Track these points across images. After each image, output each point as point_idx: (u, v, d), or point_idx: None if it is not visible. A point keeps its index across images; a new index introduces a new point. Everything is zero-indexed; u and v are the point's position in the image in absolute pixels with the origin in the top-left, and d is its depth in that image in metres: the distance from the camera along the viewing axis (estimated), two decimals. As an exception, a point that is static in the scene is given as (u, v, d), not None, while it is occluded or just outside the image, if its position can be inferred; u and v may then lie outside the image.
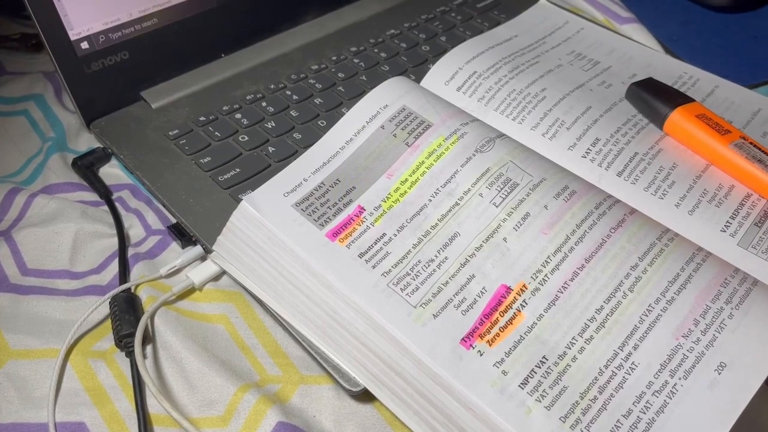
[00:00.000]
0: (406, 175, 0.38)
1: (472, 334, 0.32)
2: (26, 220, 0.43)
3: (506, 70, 0.48)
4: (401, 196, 0.37)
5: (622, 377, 0.30)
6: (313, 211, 0.37)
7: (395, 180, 0.38)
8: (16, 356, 0.36)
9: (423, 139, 0.39)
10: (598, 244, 0.34)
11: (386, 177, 0.38)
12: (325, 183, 0.38)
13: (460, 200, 0.37)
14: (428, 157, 0.38)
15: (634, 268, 0.33)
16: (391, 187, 0.38)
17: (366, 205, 0.37)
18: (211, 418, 0.34)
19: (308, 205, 0.37)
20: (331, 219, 0.36)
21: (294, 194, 0.37)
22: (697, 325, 0.31)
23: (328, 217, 0.36)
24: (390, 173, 0.38)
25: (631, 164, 0.41)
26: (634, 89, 0.45)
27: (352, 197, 0.37)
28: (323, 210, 0.37)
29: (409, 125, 0.40)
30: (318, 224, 0.36)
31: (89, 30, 0.46)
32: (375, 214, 0.36)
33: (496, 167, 0.38)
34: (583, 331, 0.32)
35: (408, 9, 0.59)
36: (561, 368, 0.31)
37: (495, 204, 0.36)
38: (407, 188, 0.38)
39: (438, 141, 0.39)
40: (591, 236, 0.35)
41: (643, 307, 0.32)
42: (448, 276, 0.34)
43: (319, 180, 0.38)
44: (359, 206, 0.37)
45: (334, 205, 0.37)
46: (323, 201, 0.37)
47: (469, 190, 0.37)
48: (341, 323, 0.34)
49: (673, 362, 0.30)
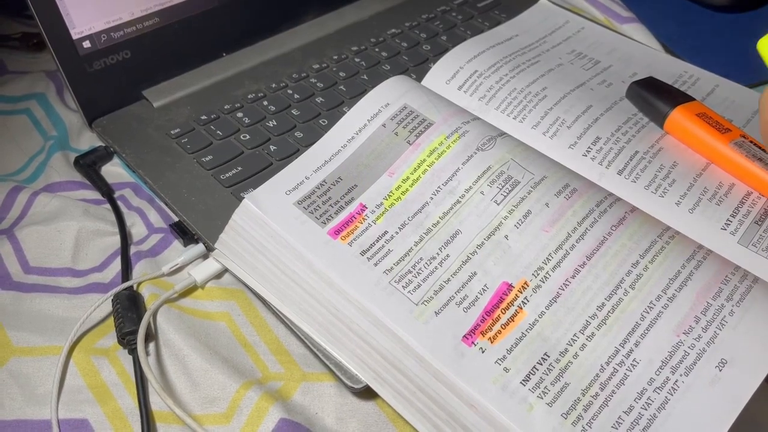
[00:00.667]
0: (408, 173, 0.38)
1: (474, 331, 0.32)
2: (28, 218, 0.43)
3: (507, 69, 0.48)
4: (403, 194, 0.37)
5: (624, 374, 0.30)
6: (315, 209, 0.37)
7: (397, 178, 0.38)
8: (19, 353, 0.36)
9: (424, 137, 0.39)
10: (599, 241, 0.34)
11: (388, 175, 0.38)
12: (326, 181, 0.38)
13: (461, 198, 0.37)
14: (429, 155, 0.39)
15: (635, 266, 0.33)
16: (393, 185, 0.38)
17: (368, 203, 0.37)
18: (214, 415, 0.34)
19: (310, 203, 0.37)
20: (333, 217, 0.36)
21: (296, 192, 0.37)
22: (698, 322, 0.32)
23: (330, 215, 0.36)
24: (391, 171, 0.38)
25: (631, 162, 0.41)
26: (634, 88, 0.45)
27: (353, 195, 0.37)
28: (325, 208, 0.37)
29: (410, 123, 0.40)
30: (320, 222, 0.36)
31: (91, 29, 0.46)
32: (377, 212, 0.37)
33: (497, 165, 0.38)
34: (584, 328, 0.32)
35: (409, 8, 0.59)
36: (563, 365, 0.31)
37: (496, 202, 0.36)
38: (408, 186, 0.38)
39: (439, 139, 0.39)
40: (592, 234, 0.35)
41: (644, 304, 0.32)
42: (450, 273, 0.34)
43: (320, 178, 0.38)
44: (361, 204, 0.37)
45: (335, 203, 0.37)
46: (325, 199, 0.37)
47: (471, 188, 0.37)
48: (343, 320, 0.34)
49: (675, 359, 0.31)
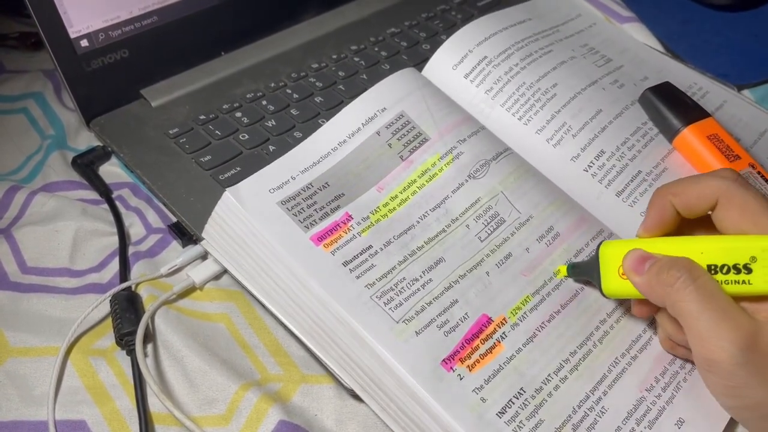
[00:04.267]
0: (397, 191, 0.38)
1: (454, 356, 0.32)
2: (26, 218, 0.43)
3: (518, 58, 0.46)
4: (390, 212, 0.37)
5: (594, 419, 0.32)
6: (299, 212, 0.36)
7: (385, 194, 0.37)
8: (16, 354, 0.36)
9: (418, 154, 0.39)
10: (572, 294, 0.36)
11: (377, 189, 0.37)
12: (313, 185, 0.37)
13: (447, 228, 0.37)
14: (421, 176, 0.38)
15: (602, 323, 0.35)
16: (381, 201, 0.37)
17: (354, 213, 0.36)
18: (213, 417, 0.34)
19: (294, 204, 0.36)
20: (317, 222, 0.35)
21: (280, 192, 0.36)
22: (657, 382, 0.34)
23: (314, 219, 0.36)
24: (381, 186, 0.38)
25: (632, 184, 0.41)
26: (648, 95, 0.44)
27: (340, 203, 0.37)
28: (309, 212, 0.36)
29: (405, 136, 0.39)
30: (303, 226, 0.35)
31: (89, 28, 0.46)
32: (363, 225, 0.36)
33: (486, 198, 0.38)
34: (558, 370, 0.33)
35: (408, 7, 0.59)
36: (538, 402, 0.32)
37: (480, 239, 0.37)
38: (396, 205, 0.37)
39: (432, 159, 0.39)
40: (566, 286, 0.36)
41: (611, 357, 0.34)
42: (432, 297, 0.34)
43: (307, 180, 0.37)
44: (347, 213, 0.36)
45: (321, 209, 0.36)
46: (310, 203, 0.36)
47: (458, 219, 0.37)
48: (325, 330, 0.33)
49: (639, 412, 0.33)
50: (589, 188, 0.41)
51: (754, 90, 0.52)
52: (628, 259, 0.32)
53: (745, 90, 0.52)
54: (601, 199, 0.40)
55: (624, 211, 0.40)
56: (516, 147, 0.42)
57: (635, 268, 0.31)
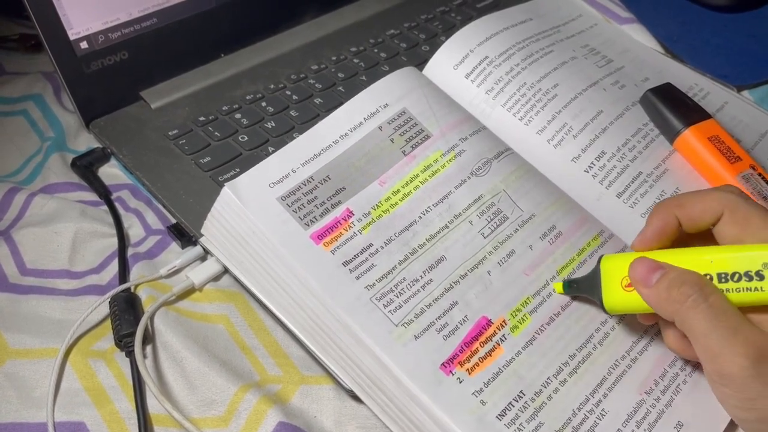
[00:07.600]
0: (399, 185, 0.37)
1: (453, 360, 0.32)
2: (25, 219, 0.43)
3: (519, 58, 0.46)
4: (392, 207, 0.36)
5: (594, 421, 0.32)
6: (299, 208, 0.35)
7: (387, 189, 0.37)
8: (16, 356, 0.36)
9: (420, 150, 0.39)
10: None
11: (378, 184, 0.37)
12: (314, 178, 0.36)
13: (449, 223, 0.36)
14: (423, 171, 0.38)
15: (603, 324, 0.35)
16: (383, 195, 0.37)
17: (355, 209, 0.36)
18: (212, 419, 0.34)
19: (294, 200, 0.35)
20: (317, 219, 0.35)
21: (280, 186, 0.35)
22: (657, 385, 0.34)
23: (314, 216, 0.35)
24: (383, 180, 0.37)
25: (632, 185, 0.41)
26: (650, 96, 0.43)
27: (341, 198, 0.36)
28: (310, 208, 0.35)
29: (407, 132, 0.39)
30: (303, 223, 0.35)
31: (88, 30, 0.46)
32: (363, 221, 0.35)
33: (488, 195, 0.38)
34: (557, 373, 0.33)
35: (408, 9, 0.59)
36: (537, 405, 0.32)
37: (483, 235, 0.36)
38: (399, 200, 0.37)
39: (435, 156, 0.39)
40: None
41: (611, 360, 0.34)
42: (432, 299, 0.34)
43: (308, 173, 0.36)
44: (348, 209, 0.36)
45: (321, 204, 0.35)
46: (311, 198, 0.35)
47: (460, 215, 0.37)
48: (324, 330, 0.33)
49: (638, 415, 0.33)
50: (589, 189, 0.41)
51: (753, 91, 0.52)
52: (635, 268, 0.31)
53: (745, 91, 0.52)
54: (601, 200, 0.40)
55: (624, 212, 0.40)
56: (517, 147, 0.42)
57: (643, 278, 0.30)
